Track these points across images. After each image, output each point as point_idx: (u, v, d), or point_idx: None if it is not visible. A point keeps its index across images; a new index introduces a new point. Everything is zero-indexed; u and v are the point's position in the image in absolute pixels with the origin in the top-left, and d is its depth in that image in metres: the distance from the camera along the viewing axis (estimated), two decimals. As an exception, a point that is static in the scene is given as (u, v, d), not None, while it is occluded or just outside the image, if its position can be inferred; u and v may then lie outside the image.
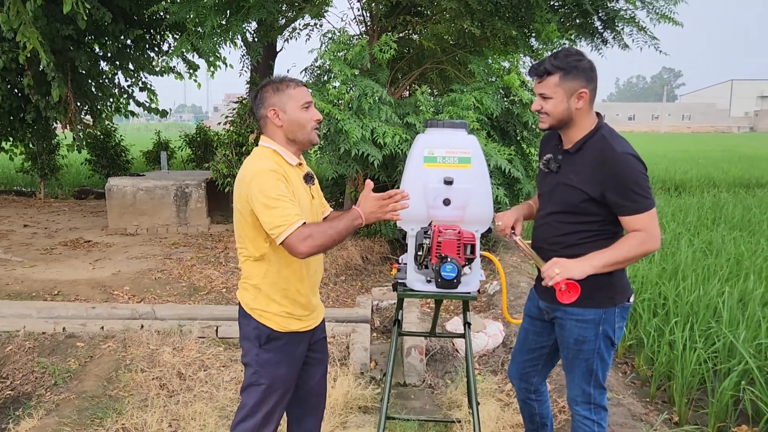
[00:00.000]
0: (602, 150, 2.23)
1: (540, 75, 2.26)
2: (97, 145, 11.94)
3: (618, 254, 2.20)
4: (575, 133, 2.30)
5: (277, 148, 2.23)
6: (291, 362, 2.30)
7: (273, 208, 2.05)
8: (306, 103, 2.23)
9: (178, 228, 8.03)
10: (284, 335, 2.26)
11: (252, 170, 2.13)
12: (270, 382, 2.25)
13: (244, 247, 2.25)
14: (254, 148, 2.31)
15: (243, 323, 2.31)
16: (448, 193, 2.61)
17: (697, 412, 3.51)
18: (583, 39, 7.14)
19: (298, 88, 2.24)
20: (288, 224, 2.03)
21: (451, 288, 2.53)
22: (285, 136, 2.24)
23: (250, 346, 2.27)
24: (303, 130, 2.23)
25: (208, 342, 4.29)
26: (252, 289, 2.27)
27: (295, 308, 2.28)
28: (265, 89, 2.24)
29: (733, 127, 76.70)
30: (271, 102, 2.21)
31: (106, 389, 3.66)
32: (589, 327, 2.33)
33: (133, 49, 10.97)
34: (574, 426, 2.49)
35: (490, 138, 6.30)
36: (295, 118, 2.21)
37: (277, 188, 2.08)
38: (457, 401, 3.62)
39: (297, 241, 2.02)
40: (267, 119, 2.24)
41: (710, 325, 3.90)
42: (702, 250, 5.84)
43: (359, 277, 6.44)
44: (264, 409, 2.26)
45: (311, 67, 6.77)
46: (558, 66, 2.21)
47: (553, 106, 2.25)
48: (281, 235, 2.04)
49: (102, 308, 4.80)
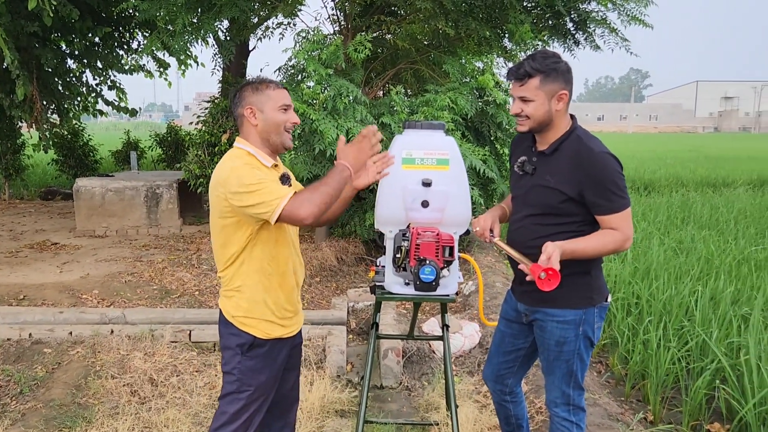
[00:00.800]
0: (579, 150, 2.23)
1: (521, 78, 2.24)
2: (64, 145, 11.65)
3: (589, 245, 2.21)
4: (551, 134, 2.30)
5: (251, 149, 2.20)
6: (273, 369, 2.28)
7: (257, 191, 2.01)
8: (284, 106, 2.20)
9: (148, 229, 7.87)
10: (267, 342, 2.23)
11: (225, 170, 2.11)
12: (252, 390, 2.22)
13: (225, 253, 2.20)
14: (228, 149, 2.26)
15: (224, 331, 2.27)
16: (427, 195, 2.59)
17: (672, 411, 3.56)
18: (555, 40, 7.20)
19: (277, 89, 2.21)
20: (279, 197, 1.99)
21: (429, 290, 2.51)
22: (259, 137, 2.20)
23: (231, 354, 2.23)
24: (277, 131, 2.19)
25: (180, 346, 4.20)
26: (235, 295, 2.22)
27: (278, 310, 2.25)
28: (245, 88, 2.21)
29: (698, 128, 78.52)
30: (249, 101, 2.19)
31: (75, 397, 3.56)
32: (569, 328, 2.33)
33: (101, 47, 10.74)
34: (553, 428, 2.49)
35: (465, 138, 6.30)
36: (271, 119, 2.18)
37: (255, 175, 2.06)
38: (435, 403, 3.61)
39: (295, 208, 1.98)
40: (243, 118, 2.21)
41: (683, 324, 3.96)
42: (673, 249, 5.93)
43: (334, 279, 6.39)
44: (244, 415, 2.23)
45: (285, 66, 6.69)
46: (538, 68, 2.20)
47: (534, 109, 2.24)
48: (276, 210, 1.98)
49: (70, 313, 4.67)
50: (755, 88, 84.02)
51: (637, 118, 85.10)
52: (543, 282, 2.10)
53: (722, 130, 77.71)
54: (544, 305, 2.38)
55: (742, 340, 3.51)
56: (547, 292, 2.32)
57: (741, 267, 5.15)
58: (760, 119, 79.14)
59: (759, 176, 14.35)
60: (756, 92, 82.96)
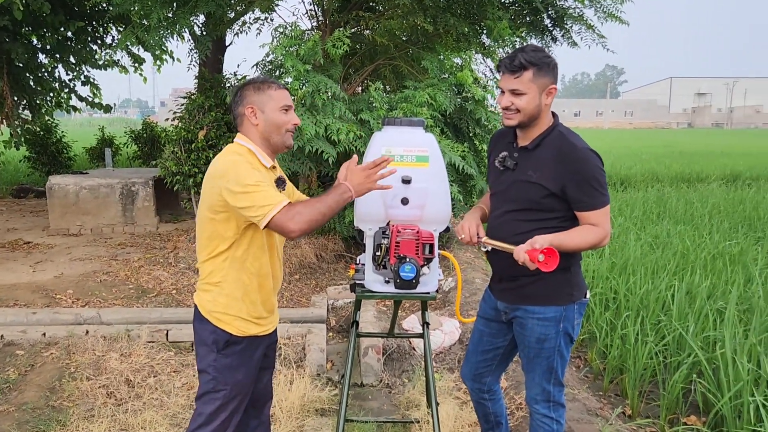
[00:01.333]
0: (561, 146, 2.24)
1: (515, 70, 2.21)
2: (37, 142, 11.43)
3: (571, 239, 2.22)
4: (535, 130, 2.30)
5: (252, 147, 2.19)
6: (249, 367, 2.26)
7: (253, 193, 2.00)
8: (285, 106, 2.20)
9: (124, 228, 7.75)
10: (243, 339, 2.21)
11: (225, 163, 2.10)
12: (228, 389, 2.20)
13: (209, 245, 2.17)
14: (228, 144, 2.25)
15: (199, 327, 2.23)
16: (406, 193, 2.57)
17: (649, 405, 3.60)
18: (533, 36, 7.23)
19: (279, 90, 2.21)
20: (273, 204, 1.99)
21: (410, 288, 2.50)
22: (261, 136, 2.20)
23: (206, 351, 2.20)
24: (278, 132, 2.20)
25: (157, 346, 4.14)
26: (213, 290, 2.20)
27: (254, 310, 2.22)
28: (246, 87, 2.21)
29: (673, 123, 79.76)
30: (250, 100, 2.18)
31: (49, 400, 3.49)
32: (550, 325, 2.34)
33: (74, 42, 10.53)
34: (533, 424, 2.50)
35: (444, 135, 6.30)
36: (272, 119, 2.18)
37: (254, 176, 2.05)
38: (415, 401, 3.60)
39: (285, 219, 1.98)
40: (244, 117, 2.20)
41: (660, 318, 4.00)
42: (649, 244, 6.00)
43: (314, 276, 6.35)
44: (222, 415, 2.21)
45: (263, 62, 6.62)
46: (531, 61, 2.19)
47: (526, 102, 2.23)
48: (266, 216, 1.98)
49: (43, 313, 4.58)
50: (727, 85, 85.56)
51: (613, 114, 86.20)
52: (543, 264, 2.09)
53: (696, 125, 78.99)
54: (524, 302, 2.38)
55: (718, 333, 3.56)
56: (526, 290, 2.33)
57: (716, 261, 5.22)
58: (732, 115, 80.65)
59: (732, 171, 14.60)
60: (728, 88, 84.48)
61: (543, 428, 2.46)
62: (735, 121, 79.07)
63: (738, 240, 6.15)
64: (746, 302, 4.20)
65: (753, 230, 7.13)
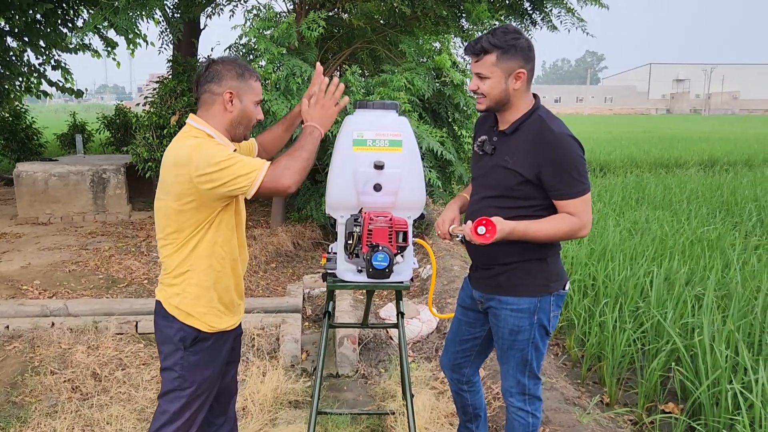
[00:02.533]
0: (539, 131, 2.14)
1: (477, 53, 2.14)
2: (6, 128, 11.11)
3: (542, 228, 2.12)
4: (512, 114, 2.21)
5: (211, 132, 2.03)
6: (217, 363, 2.16)
7: (230, 166, 1.90)
8: (259, 101, 2.13)
9: (95, 216, 7.56)
10: (212, 336, 2.11)
11: (186, 148, 1.94)
12: (195, 386, 2.09)
13: (178, 237, 2.03)
14: (182, 128, 2.09)
15: (163, 324, 2.10)
16: (379, 178, 2.47)
17: (628, 392, 3.56)
18: (512, 20, 7.13)
19: (258, 82, 2.12)
20: (255, 169, 1.91)
21: (383, 278, 2.41)
22: (228, 124, 2.07)
23: (172, 349, 2.08)
24: (246, 125, 2.11)
25: (126, 339, 4.01)
26: (180, 283, 2.06)
27: (228, 294, 2.13)
28: (228, 67, 2.05)
29: (652, 109, 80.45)
30: (231, 84, 2.04)
31: (10, 395, 3.35)
32: (524, 316, 2.26)
33: (43, 25, 10.22)
34: (508, 417, 2.43)
35: (422, 120, 6.20)
36: (248, 111, 2.09)
37: (223, 150, 1.93)
38: (391, 391, 3.53)
39: (276, 177, 1.93)
40: (218, 99, 2.04)
41: (638, 305, 3.97)
42: (628, 230, 5.98)
43: (290, 264, 6.24)
44: (186, 414, 2.10)
45: (236, 45, 6.44)
46: (495, 44, 2.10)
47: (490, 87, 2.15)
48: (255, 182, 1.91)
49: (7, 305, 4.42)
50: (705, 71, 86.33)
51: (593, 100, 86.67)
52: (483, 236, 2.04)
53: (674, 111, 79.74)
54: (499, 292, 2.30)
55: (696, 320, 3.52)
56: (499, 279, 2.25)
57: (694, 247, 5.21)
58: (710, 101, 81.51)
59: (710, 157, 14.71)
60: (706, 75, 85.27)
61: (518, 421, 2.39)
62: (713, 107, 79.92)
63: (716, 225, 6.16)
64: (724, 288, 4.19)
65: (731, 215, 7.16)
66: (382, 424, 3.20)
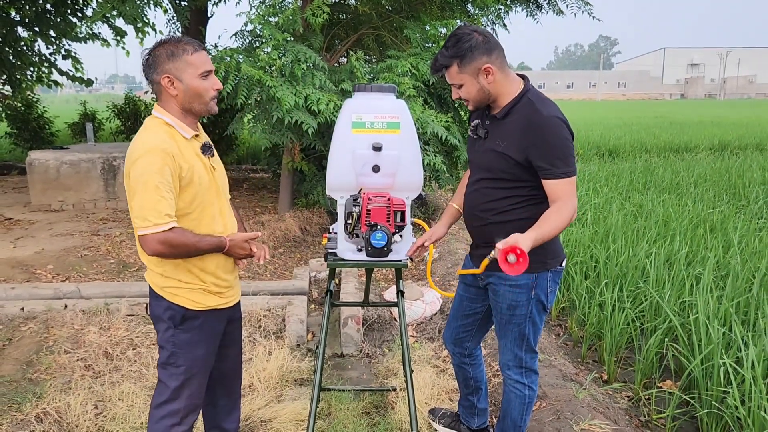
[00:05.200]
0: (528, 115, 2.19)
1: (438, 70, 2.26)
2: (18, 117, 11.28)
3: (546, 228, 2.12)
4: (502, 100, 2.27)
5: (170, 120, 2.03)
6: (209, 342, 2.21)
7: (147, 200, 1.90)
8: (205, 72, 2.02)
9: (106, 203, 7.69)
10: (201, 313, 2.15)
11: (142, 148, 1.94)
12: (189, 365, 2.15)
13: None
14: (146, 118, 2.13)
15: (154, 304, 2.17)
16: (377, 160, 2.54)
17: (625, 370, 3.63)
18: (518, 4, 7.13)
19: (197, 53, 2.00)
20: (155, 223, 1.91)
21: (381, 256, 2.48)
22: (181, 106, 2.03)
23: (164, 327, 2.14)
24: (201, 101, 2.04)
25: (137, 320, 4.12)
26: (161, 264, 2.09)
27: (209, 275, 2.14)
28: (158, 51, 1.99)
29: (666, 95, 79.56)
30: (165, 68, 1.98)
31: (26, 373, 3.48)
32: (521, 292, 2.33)
33: (53, 15, 10.33)
34: (505, 389, 2.52)
35: (427, 105, 6.24)
36: (193, 88, 2.01)
37: (160, 175, 1.91)
38: (394, 369, 3.62)
39: (154, 242, 1.93)
40: (161, 87, 2.01)
41: (638, 285, 4.02)
42: (632, 213, 6.01)
43: (298, 249, 6.33)
44: (186, 392, 2.17)
45: (241, 32, 6.50)
46: (451, 56, 2.19)
47: (467, 92, 2.24)
48: (142, 229, 1.92)
49: (22, 288, 4.55)
50: (720, 55, 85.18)
51: (606, 86, 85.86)
52: (511, 266, 1.98)
53: (689, 96, 78.85)
54: (497, 269, 2.37)
55: (693, 299, 3.57)
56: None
57: (697, 229, 5.23)
58: (725, 86, 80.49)
59: (720, 141, 14.61)
60: (721, 59, 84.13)
61: (515, 393, 2.47)
62: (728, 91, 78.98)
63: (721, 208, 6.17)
64: (724, 268, 4.22)
65: (737, 198, 7.15)
66: (384, 400, 3.29)
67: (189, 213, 2.05)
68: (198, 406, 2.25)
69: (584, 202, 6.45)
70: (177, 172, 1.97)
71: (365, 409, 3.20)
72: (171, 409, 2.17)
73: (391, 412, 3.14)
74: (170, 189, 1.94)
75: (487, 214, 2.35)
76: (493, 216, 2.33)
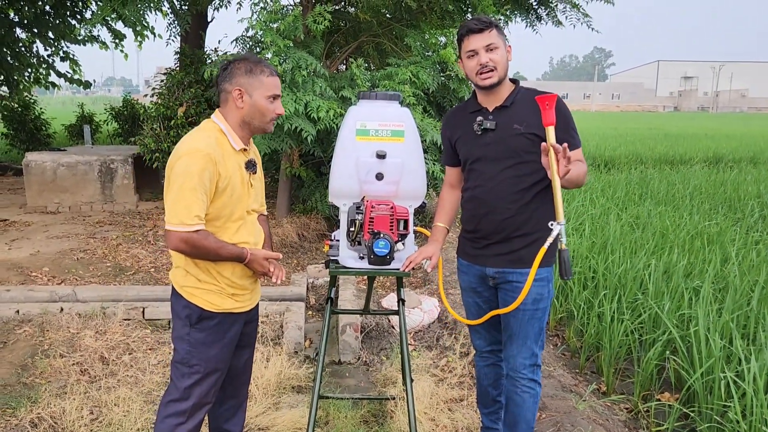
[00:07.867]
0: (536, 95, 2.28)
1: (484, 27, 2.29)
2: (15, 118, 11.22)
3: (579, 171, 2.30)
4: (504, 90, 2.36)
5: (224, 127, 2.15)
6: (224, 343, 2.24)
7: (181, 198, 2.00)
8: (274, 95, 2.16)
9: (103, 206, 7.65)
10: (217, 315, 2.19)
11: (189, 147, 2.05)
12: (203, 364, 2.19)
13: None
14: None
15: (174, 301, 2.25)
16: (381, 168, 2.55)
17: (624, 382, 3.62)
18: (518, 15, 7.17)
19: (271, 77, 2.16)
20: (183, 222, 2.00)
21: (384, 264, 2.48)
22: (241, 119, 2.15)
23: (181, 324, 2.20)
24: (261, 120, 2.17)
25: (133, 324, 4.10)
26: (183, 265, 2.18)
27: (228, 280, 2.19)
28: (239, 65, 2.13)
29: (659, 107, 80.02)
30: (240, 81, 2.12)
31: (21, 377, 3.44)
32: (544, 284, 2.38)
33: (52, 16, 10.31)
34: (517, 392, 2.44)
35: (427, 113, 6.26)
36: (260, 106, 2.14)
37: (199, 177, 2.00)
38: (392, 378, 3.60)
39: (177, 239, 2.03)
40: (229, 96, 2.14)
41: (637, 297, 4.02)
42: (629, 225, 6.02)
43: (295, 255, 6.32)
44: (197, 392, 2.21)
45: (242, 37, 6.51)
46: (491, 21, 2.31)
47: (501, 56, 2.31)
48: (170, 224, 2.02)
49: (17, 291, 4.51)
50: (714, 68, 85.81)
51: (600, 97, 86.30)
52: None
53: (682, 109, 79.34)
54: (518, 266, 2.36)
55: (693, 311, 3.57)
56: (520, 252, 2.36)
57: (694, 241, 5.24)
58: (718, 99, 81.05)
59: (715, 154, 14.68)
60: (714, 72, 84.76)
61: (529, 393, 2.44)
62: (721, 104, 79.48)
63: (717, 221, 6.19)
64: (722, 281, 4.23)
65: (733, 211, 7.18)
66: (382, 408, 3.27)
67: (215, 219, 2.13)
68: (207, 404, 2.26)
69: (581, 213, 6.47)
70: (215, 177, 2.06)
71: (363, 418, 3.19)
72: (178, 408, 2.20)
73: (390, 421, 3.13)
74: (205, 192, 2.03)
75: (513, 206, 2.34)
76: (520, 208, 2.33)
